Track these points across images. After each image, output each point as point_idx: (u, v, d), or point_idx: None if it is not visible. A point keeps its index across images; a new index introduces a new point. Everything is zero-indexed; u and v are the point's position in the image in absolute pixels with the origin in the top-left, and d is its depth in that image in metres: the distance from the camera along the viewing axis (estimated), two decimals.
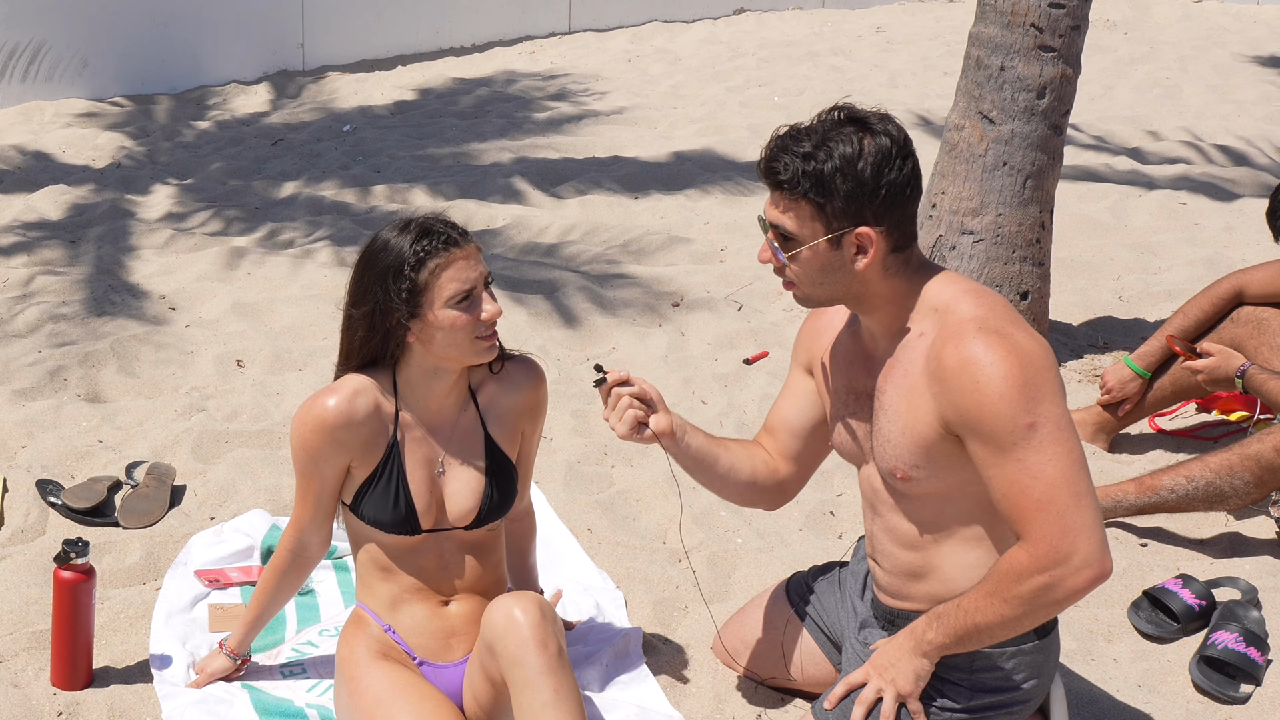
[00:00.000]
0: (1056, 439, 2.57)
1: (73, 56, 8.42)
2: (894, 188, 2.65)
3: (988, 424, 2.58)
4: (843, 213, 2.65)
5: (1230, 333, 4.36)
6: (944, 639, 2.74)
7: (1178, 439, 4.66)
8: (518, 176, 7.11)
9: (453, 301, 2.88)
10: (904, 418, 2.72)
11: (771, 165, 2.68)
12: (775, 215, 2.71)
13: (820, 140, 2.65)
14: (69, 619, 3.19)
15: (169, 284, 5.63)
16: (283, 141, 7.75)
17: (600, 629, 3.51)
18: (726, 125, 8.12)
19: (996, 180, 4.88)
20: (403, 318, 2.89)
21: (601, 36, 10.42)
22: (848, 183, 2.62)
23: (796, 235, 2.69)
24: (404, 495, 2.99)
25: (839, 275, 2.71)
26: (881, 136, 2.65)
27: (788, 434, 3.11)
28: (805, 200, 2.65)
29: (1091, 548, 2.56)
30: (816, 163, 2.63)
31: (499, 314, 2.93)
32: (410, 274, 2.86)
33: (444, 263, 2.87)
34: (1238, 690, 3.42)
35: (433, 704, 2.93)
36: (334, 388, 2.99)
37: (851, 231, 2.66)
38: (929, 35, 10.62)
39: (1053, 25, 4.79)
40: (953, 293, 2.72)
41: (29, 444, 4.35)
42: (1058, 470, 2.56)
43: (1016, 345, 2.60)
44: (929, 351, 2.67)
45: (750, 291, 5.70)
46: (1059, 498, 2.56)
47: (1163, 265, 6.12)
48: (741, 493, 3.11)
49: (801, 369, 3.10)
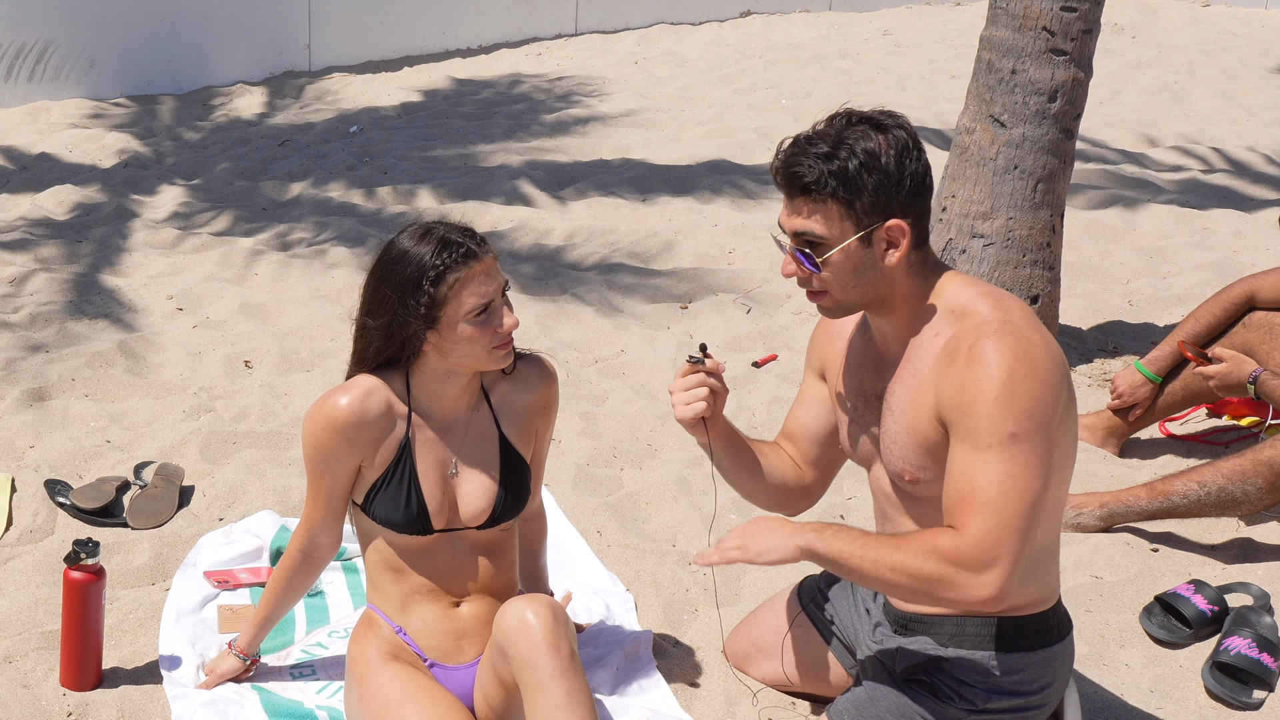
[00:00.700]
0: (1029, 460, 2.54)
1: (79, 56, 8.42)
2: (916, 178, 2.65)
3: (972, 419, 2.56)
4: (872, 208, 2.63)
5: (1242, 338, 4.35)
6: (823, 547, 2.64)
7: (1189, 444, 4.64)
8: (525, 178, 7.10)
9: (471, 315, 2.86)
10: (908, 418, 2.72)
11: (793, 170, 2.65)
12: (799, 223, 2.67)
13: (837, 140, 2.64)
14: (79, 619, 3.19)
15: (176, 284, 5.62)
16: (289, 142, 7.75)
17: (610, 632, 3.50)
18: (734, 127, 8.11)
19: (1007, 184, 4.87)
20: (420, 329, 2.88)
21: (608, 38, 10.41)
22: (874, 177, 2.61)
23: (826, 238, 2.66)
24: (416, 495, 2.98)
25: (870, 275, 2.69)
26: (895, 130, 2.65)
27: (806, 440, 3.10)
28: (833, 200, 2.63)
29: (1004, 576, 2.52)
30: (840, 161, 2.61)
31: (516, 325, 2.93)
32: (430, 289, 2.84)
33: (464, 277, 2.85)
34: (1250, 696, 3.41)
35: (444, 706, 2.92)
36: (346, 387, 2.98)
37: (882, 226, 2.64)
38: (936, 38, 10.61)
39: (1065, 28, 4.78)
40: (970, 295, 2.70)
41: (37, 444, 4.34)
42: (1016, 488, 2.53)
43: (1027, 354, 2.57)
44: (942, 350, 2.66)
45: (759, 294, 5.69)
46: (1007, 513, 2.53)
47: (1172, 270, 6.10)
48: (771, 495, 3.09)
49: (815, 374, 3.09)
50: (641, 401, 4.81)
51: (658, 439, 4.59)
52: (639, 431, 4.63)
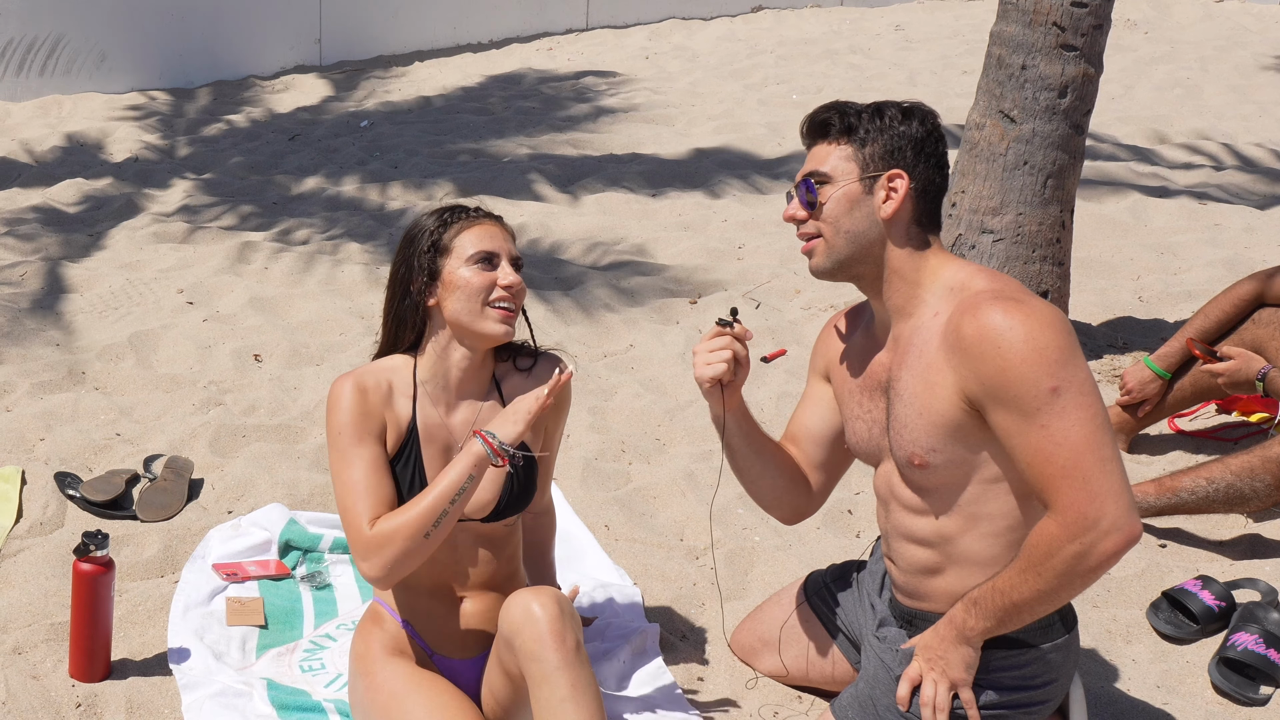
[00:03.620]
0: (1080, 403, 2.57)
1: (91, 50, 8.44)
2: (929, 149, 2.78)
3: (1012, 389, 2.58)
4: (879, 157, 2.76)
5: (1251, 334, 4.34)
6: (986, 623, 2.73)
7: (1197, 440, 4.64)
8: (535, 173, 7.10)
9: (472, 260, 2.91)
10: (921, 398, 2.72)
11: (816, 116, 2.82)
12: (813, 164, 2.81)
13: (863, 105, 2.83)
14: (88, 611, 3.20)
15: (186, 278, 5.64)
16: (300, 137, 7.76)
17: (617, 625, 3.51)
18: (744, 123, 8.11)
19: (1017, 179, 4.86)
20: (424, 283, 2.94)
21: (619, 33, 10.42)
22: (886, 133, 2.77)
23: (830, 176, 2.77)
24: (420, 482, 2.98)
25: (864, 224, 2.76)
26: (921, 116, 2.81)
27: (810, 442, 3.11)
28: (845, 142, 2.78)
29: (1119, 511, 2.55)
30: (860, 116, 2.79)
31: (519, 284, 2.94)
32: (435, 237, 2.94)
33: (468, 224, 2.96)
34: (1257, 692, 3.40)
35: (449, 698, 2.92)
36: (358, 368, 3.03)
37: (884, 174, 2.75)
38: (948, 33, 10.60)
39: (1075, 24, 4.77)
40: (966, 273, 2.77)
41: (47, 436, 4.36)
42: (1082, 435, 2.56)
43: (1034, 311, 2.61)
44: (945, 328, 2.68)
45: (768, 289, 5.69)
46: (1084, 463, 2.56)
47: (1183, 266, 6.09)
48: (775, 490, 3.10)
49: (819, 376, 3.10)
50: (650, 396, 4.81)
51: (666, 433, 4.59)
52: (647, 426, 4.63)
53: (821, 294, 5.60)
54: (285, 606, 3.58)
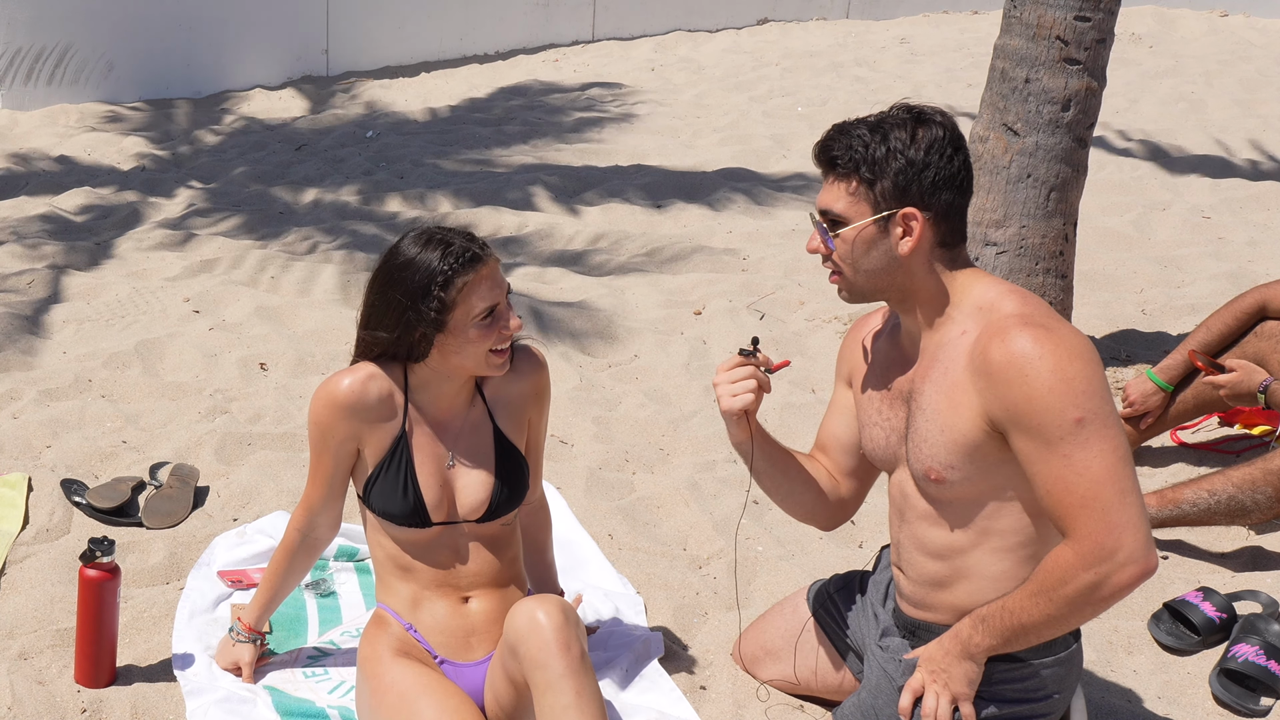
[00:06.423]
0: (1103, 435, 2.57)
1: (98, 60, 8.47)
2: (942, 173, 2.70)
3: (1036, 418, 2.58)
4: (891, 193, 2.70)
5: (1254, 347, 4.35)
6: (991, 640, 2.75)
7: (1199, 452, 4.65)
8: (540, 184, 7.12)
9: (479, 317, 2.94)
10: (943, 415, 2.72)
11: (826, 147, 2.75)
12: (825, 199, 2.77)
13: (875, 126, 2.73)
14: (94, 617, 3.21)
15: (192, 287, 5.65)
16: (306, 147, 7.78)
17: (620, 634, 3.52)
18: (749, 135, 8.13)
19: (1020, 192, 4.88)
20: (429, 332, 2.95)
21: (625, 45, 10.44)
22: (898, 163, 2.68)
23: (844, 216, 2.73)
24: (412, 486, 3.03)
25: (882, 261, 2.73)
26: (936, 128, 2.72)
27: (839, 450, 3.12)
28: (856, 179, 2.71)
29: (1136, 544, 2.56)
30: (868, 143, 2.70)
31: (520, 327, 3.02)
32: (439, 293, 2.92)
33: (473, 281, 2.94)
34: (1258, 703, 3.41)
35: (456, 701, 2.94)
36: (349, 369, 3.09)
37: (898, 212, 2.69)
38: (953, 47, 10.61)
39: (1078, 38, 4.79)
40: (997, 292, 2.73)
41: (54, 444, 4.37)
42: (1103, 466, 2.56)
43: (1063, 340, 2.60)
44: (972, 349, 2.68)
45: (772, 300, 5.70)
46: (1104, 494, 2.56)
47: (1186, 279, 6.10)
48: (806, 504, 3.12)
49: (844, 383, 3.11)
50: (654, 406, 4.83)
51: (670, 443, 4.61)
52: (651, 436, 4.65)
53: (826, 306, 5.61)
54: (290, 613, 3.59)
